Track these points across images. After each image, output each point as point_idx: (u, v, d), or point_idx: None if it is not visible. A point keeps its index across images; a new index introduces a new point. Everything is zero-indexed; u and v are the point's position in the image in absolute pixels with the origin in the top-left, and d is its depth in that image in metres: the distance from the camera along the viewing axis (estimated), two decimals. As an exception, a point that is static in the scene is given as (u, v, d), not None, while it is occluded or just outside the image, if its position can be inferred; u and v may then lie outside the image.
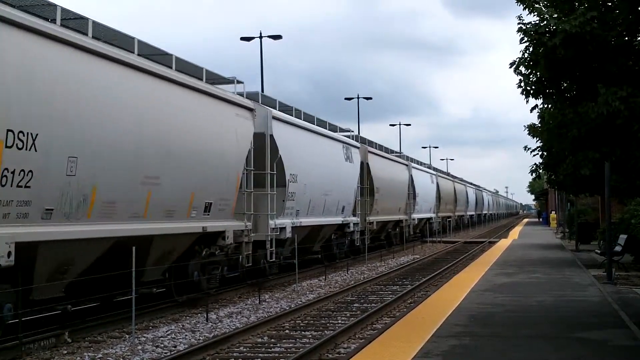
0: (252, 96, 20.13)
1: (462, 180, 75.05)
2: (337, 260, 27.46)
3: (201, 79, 16.51)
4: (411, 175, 41.52)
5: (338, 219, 26.61)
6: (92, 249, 12.52)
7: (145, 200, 13.54)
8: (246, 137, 18.17)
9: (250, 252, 18.47)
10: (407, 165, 41.73)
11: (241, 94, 19.04)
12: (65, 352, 11.53)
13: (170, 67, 15.19)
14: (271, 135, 19.88)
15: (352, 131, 32.20)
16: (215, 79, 17.85)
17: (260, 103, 20.40)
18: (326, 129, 26.57)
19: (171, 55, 15.53)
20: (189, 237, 15.67)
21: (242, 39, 34.67)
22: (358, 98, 51.99)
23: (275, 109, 21.45)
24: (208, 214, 16.20)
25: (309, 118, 24.85)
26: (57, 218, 11.20)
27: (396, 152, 43.22)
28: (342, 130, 29.70)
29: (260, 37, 34.30)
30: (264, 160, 19.67)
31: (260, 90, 32.06)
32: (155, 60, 14.66)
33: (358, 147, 30.08)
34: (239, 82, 18.92)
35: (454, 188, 63.02)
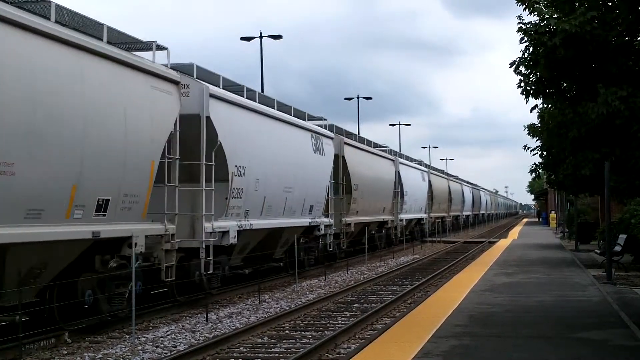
0: (183, 69, 16.34)
1: (457, 178, 71.74)
2: (307, 268, 23.76)
3: (101, 39, 12.91)
4: (398, 172, 37.67)
5: (305, 220, 22.68)
6: None
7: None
8: (167, 117, 14.38)
9: (174, 263, 14.60)
10: (393, 160, 37.65)
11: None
12: (65, 352, 11.53)
13: (48, 19, 11.63)
14: (208, 117, 16.07)
15: (325, 119, 27.16)
16: (125, 41, 14.23)
17: (196, 78, 16.65)
18: (291, 114, 22.40)
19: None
20: (71, 245, 12.00)
21: (242, 38, 34.68)
22: (358, 98, 52.03)
23: (218, 87, 17.57)
24: (103, 215, 12.42)
25: (267, 101, 20.87)
26: None
27: (382, 146, 38.33)
28: (312, 118, 25.48)
29: (261, 37, 34.31)
30: (198, 148, 15.95)
31: (260, 90, 32.12)
32: (27, 9, 11.44)
33: (331, 138, 25.83)
34: (160, 47, 14.90)
35: (449, 186, 58.97)
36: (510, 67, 12.01)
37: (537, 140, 24.05)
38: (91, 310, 12.80)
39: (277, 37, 34.34)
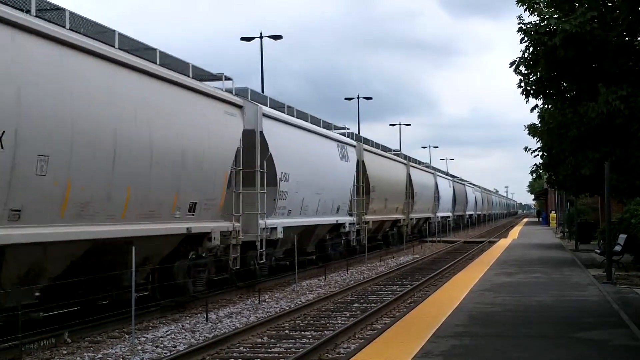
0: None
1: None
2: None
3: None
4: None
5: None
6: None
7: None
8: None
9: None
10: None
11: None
12: (65, 352, 11.53)
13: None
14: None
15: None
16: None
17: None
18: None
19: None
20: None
21: (243, 39, 34.68)
22: (358, 98, 52.04)
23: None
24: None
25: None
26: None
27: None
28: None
29: (261, 37, 34.31)
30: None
31: (260, 90, 32.13)
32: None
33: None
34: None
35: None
36: (510, 67, 12.02)
37: (537, 141, 24.06)
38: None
39: (277, 37, 34.34)
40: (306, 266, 24.26)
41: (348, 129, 31.41)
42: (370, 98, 52.83)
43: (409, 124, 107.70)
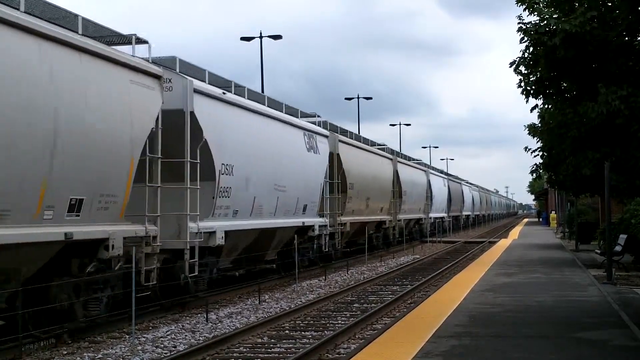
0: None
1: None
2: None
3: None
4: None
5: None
6: None
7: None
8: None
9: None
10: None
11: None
12: (65, 352, 11.52)
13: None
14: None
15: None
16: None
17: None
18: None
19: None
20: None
21: (243, 38, 34.70)
22: (358, 98, 52.06)
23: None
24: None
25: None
26: None
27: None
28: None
29: (261, 37, 34.32)
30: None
31: (261, 90, 32.12)
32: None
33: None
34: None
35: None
36: (510, 67, 12.02)
37: (537, 141, 24.06)
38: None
39: (277, 37, 34.35)
40: (266, 275, 21.60)
41: (319, 116, 26.89)
42: (371, 98, 52.89)
43: (409, 124, 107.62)
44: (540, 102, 13.86)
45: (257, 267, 20.92)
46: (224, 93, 17.43)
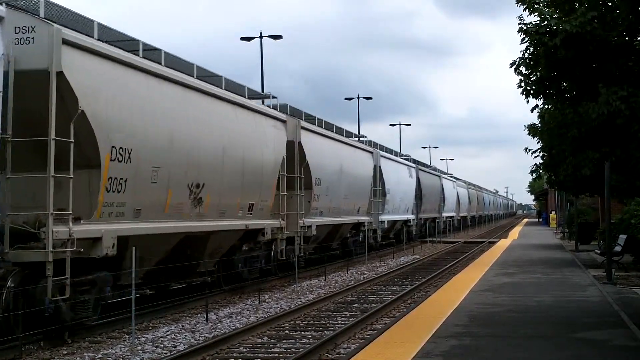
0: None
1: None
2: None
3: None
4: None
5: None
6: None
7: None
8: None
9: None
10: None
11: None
12: (65, 352, 11.52)
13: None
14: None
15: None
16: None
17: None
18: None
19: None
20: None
21: (243, 38, 34.65)
22: (358, 98, 51.99)
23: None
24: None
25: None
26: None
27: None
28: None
29: (261, 37, 34.29)
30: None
31: (260, 90, 32.11)
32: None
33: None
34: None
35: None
36: (510, 67, 12.00)
37: (537, 141, 24.05)
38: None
39: (277, 37, 34.32)
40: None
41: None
42: (370, 98, 52.77)
43: (409, 124, 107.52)
44: (540, 102, 13.84)
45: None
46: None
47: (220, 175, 16.45)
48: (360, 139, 35.25)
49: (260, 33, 34.18)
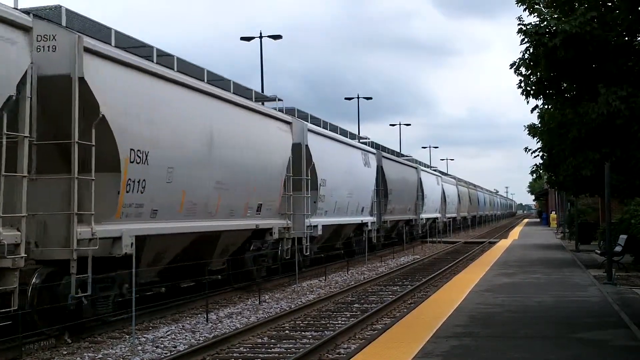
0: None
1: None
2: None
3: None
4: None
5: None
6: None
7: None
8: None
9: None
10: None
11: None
12: (65, 352, 11.53)
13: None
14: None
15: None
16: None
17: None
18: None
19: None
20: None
21: (242, 38, 34.67)
22: (358, 98, 52.01)
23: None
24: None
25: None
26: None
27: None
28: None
29: (260, 37, 34.30)
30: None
31: (260, 90, 32.13)
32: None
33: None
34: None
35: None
36: (510, 68, 12.02)
37: (537, 141, 24.07)
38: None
39: (277, 37, 34.33)
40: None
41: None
42: (370, 98, 52.80)
43: (409, 124, 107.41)
44: (540, 102, 13.86)
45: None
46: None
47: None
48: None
49: (260, 33, 34.22)
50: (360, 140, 33.09)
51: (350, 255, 29.03)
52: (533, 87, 12.03)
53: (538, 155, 23.84)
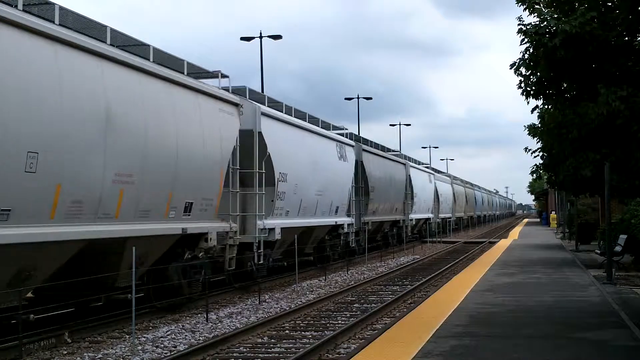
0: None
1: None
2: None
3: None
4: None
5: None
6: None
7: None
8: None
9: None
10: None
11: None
12: (65, 352, 11.53)
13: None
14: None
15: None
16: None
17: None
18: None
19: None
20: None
21: (242, 38, 34.68)
22: (358, 98, 52.03)
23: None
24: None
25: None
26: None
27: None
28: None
29: (260, 37, 34.31)
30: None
31: (260, 90, 32.12)
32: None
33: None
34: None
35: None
36: (510, 68, 12.05)
37: (537, 141, 24.08)
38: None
39: (277, 37, 34.34)
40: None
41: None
42: (370, 98, 52.84)
43: (409, 124, 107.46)
44: (540, 102, 13.88)
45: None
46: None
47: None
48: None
49: (260, 33, 34.22)
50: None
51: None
52: (533, 88, 12.06)
53: (538, 155, 23.86)
